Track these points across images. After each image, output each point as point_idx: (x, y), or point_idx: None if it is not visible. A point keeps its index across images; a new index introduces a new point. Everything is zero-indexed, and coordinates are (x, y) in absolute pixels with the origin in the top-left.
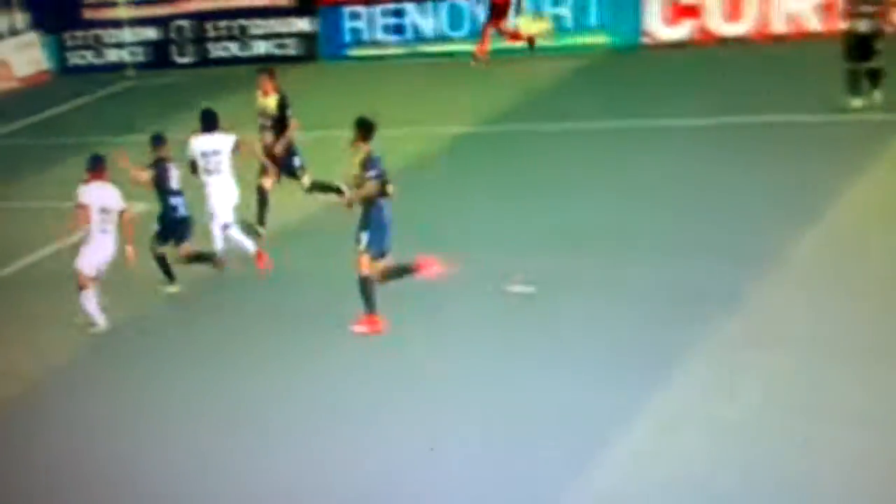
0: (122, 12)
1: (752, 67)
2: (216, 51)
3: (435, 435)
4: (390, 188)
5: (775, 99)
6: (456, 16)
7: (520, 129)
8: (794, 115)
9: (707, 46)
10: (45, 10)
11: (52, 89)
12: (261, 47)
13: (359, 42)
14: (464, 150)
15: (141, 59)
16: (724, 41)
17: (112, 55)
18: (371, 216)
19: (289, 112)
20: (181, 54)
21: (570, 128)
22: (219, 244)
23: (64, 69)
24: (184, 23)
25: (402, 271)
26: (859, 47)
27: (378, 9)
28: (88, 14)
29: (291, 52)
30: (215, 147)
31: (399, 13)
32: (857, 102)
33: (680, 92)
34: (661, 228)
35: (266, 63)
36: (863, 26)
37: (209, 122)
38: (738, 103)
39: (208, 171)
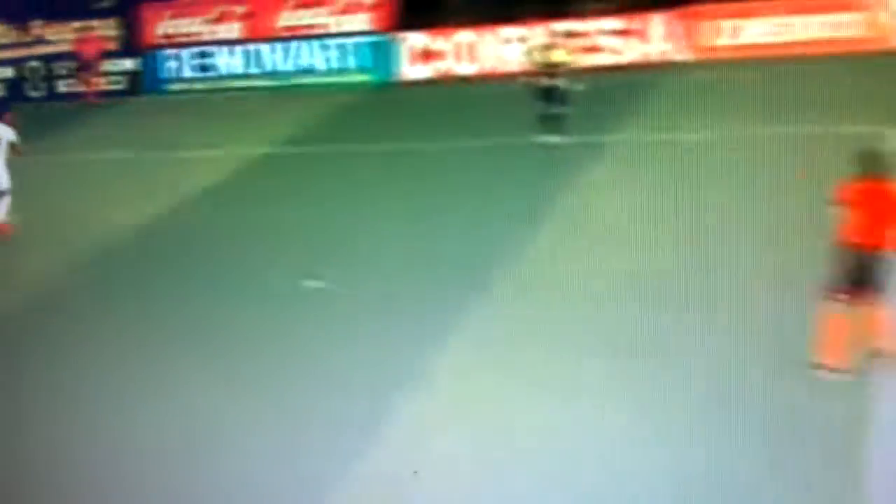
0: None
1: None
2: (63, 86)
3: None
4: None
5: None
6: (253, 57)
7: (313, 151)
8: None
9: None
10: None
11: None
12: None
13: (174, 79)
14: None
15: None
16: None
17: None
18: None
19: None
20: (34, 89)
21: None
22: None
23: None
24: (36, 63)
25: None
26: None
27: (189, 52)
28: None
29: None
30: None
31: (206, 55)
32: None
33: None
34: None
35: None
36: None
37: None
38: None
39: None
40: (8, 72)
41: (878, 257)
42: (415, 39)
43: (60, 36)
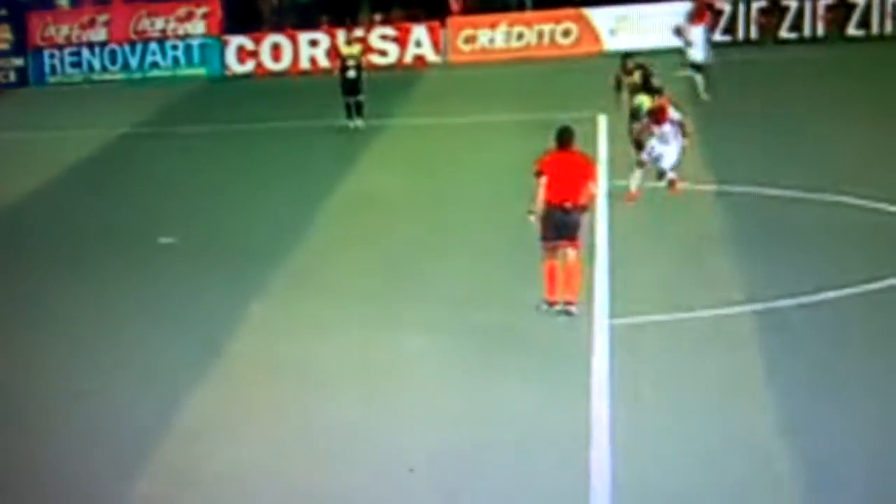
0: None
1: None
2: None
3: None
4: None
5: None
6: (113, 56)
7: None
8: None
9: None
10: None
11: None
12: None
13: (54, 73)
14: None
15: None
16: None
17: None
18: None
19: None
20: None
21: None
22: None
23: None
24: None
25: None
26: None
27: (66, 51)
28: None
29: (12, 80)
30: None
31: (78, 54)
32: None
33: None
34: None
35: None
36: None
37: None
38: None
39: None
40: None
41: (569, 210)
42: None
43: None
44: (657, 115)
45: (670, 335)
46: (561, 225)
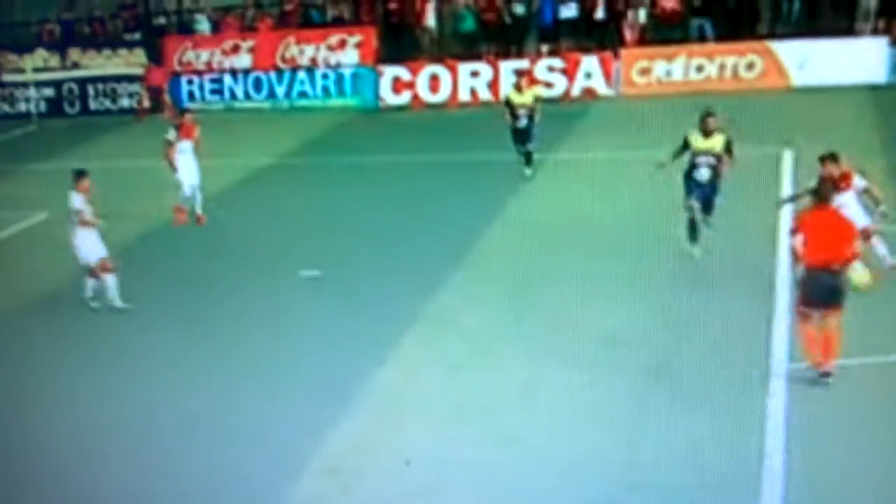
0: (29, 76)
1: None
2: (94, 104)
3: None
4: None
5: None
6: (258, 83)
7: (309, 161)
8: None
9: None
10: None
11: None
12: (125, 102)
13: (192, 99)
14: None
15: (42, 109)
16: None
17: (21, 106)
18: None
19: None
20: (70, 106)
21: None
22: None
23: None
24: (72, 84)
25: None
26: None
27: (205, 77)
28: (5, 77)
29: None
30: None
31: (219, 81)
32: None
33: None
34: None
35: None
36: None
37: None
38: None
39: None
40: (50, 91)
41: (836, 273)
42: (393, 71)
43: (94, 62)
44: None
45: (852, 379)
46: (829, 290)
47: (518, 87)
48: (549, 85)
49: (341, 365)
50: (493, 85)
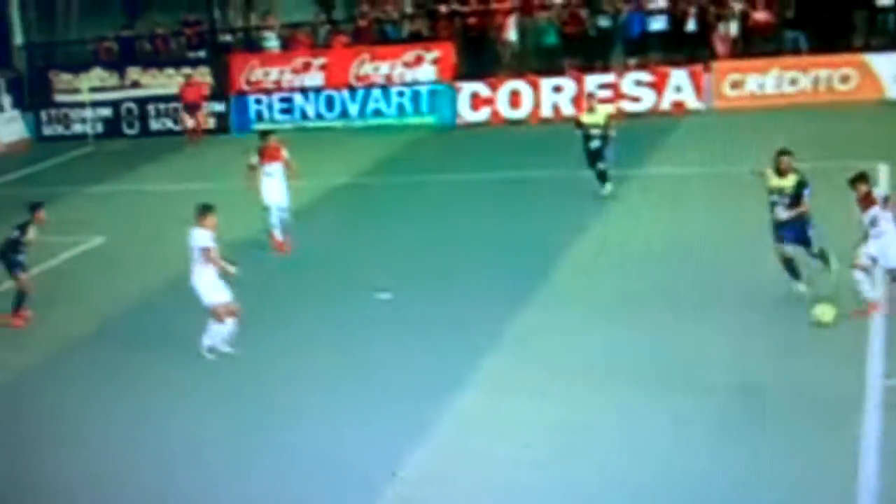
0: (85, 96)
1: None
2: (155, 125)
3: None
4: None
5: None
6: (330, 102)
7: (383, 181)
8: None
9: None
10: (25, 94)
11: (31, 153)
12: (188, 123)
13: (260, 119)
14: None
15: (99, 130)
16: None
17: (77, 127)
18: None
19: None
20: (129, 126)
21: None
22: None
23: (40, 138)
24: (131, 104)
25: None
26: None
27: (274, 96)
28: (59, 97)
29: (210, 127)
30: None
31: (289, 100)
32: None
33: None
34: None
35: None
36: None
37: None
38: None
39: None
40: (107, 111)
41: None
42: (471, 87)
43: (155, 80)
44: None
45: None
46: None
47: (590, 108)
48: (636, 99)
49: (418, 390)
50: (577, 100)
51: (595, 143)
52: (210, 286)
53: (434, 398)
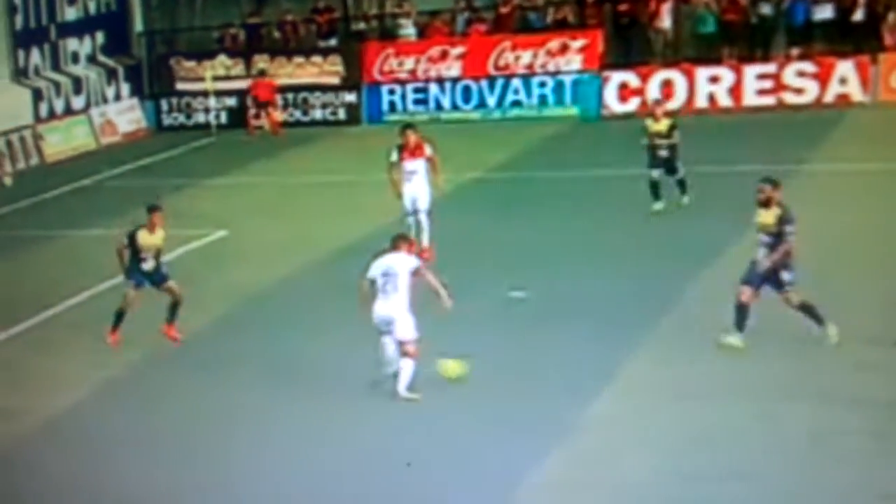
0: (209, 85)
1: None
2: (284, 116)
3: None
4: None
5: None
6: (467, 92)
7: (520, 176)
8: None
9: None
10: (144, 82)
11: (150, 143)
12: (317, 114)
13: (393, 110)
14: (478, 190)
15: (223, 120)
16: None
17: (199, 117)
18: None
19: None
20: (255, 117)
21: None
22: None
23: (160, 127)
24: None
25: None
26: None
27: (409, 86)
28: (181, 86)
29: (340, 117)
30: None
31: (424, 90)
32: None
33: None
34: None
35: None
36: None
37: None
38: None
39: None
40: (232, 101)
41: None
42: (620, 77)
43: (283, 70)
44: None
45: None
46: None
47: (654, 116)
48: (798, 91)
49: (559, 391)
50: (735, 91)
51: (663, 153)
52: (411, 318)
53: (574, 400)
